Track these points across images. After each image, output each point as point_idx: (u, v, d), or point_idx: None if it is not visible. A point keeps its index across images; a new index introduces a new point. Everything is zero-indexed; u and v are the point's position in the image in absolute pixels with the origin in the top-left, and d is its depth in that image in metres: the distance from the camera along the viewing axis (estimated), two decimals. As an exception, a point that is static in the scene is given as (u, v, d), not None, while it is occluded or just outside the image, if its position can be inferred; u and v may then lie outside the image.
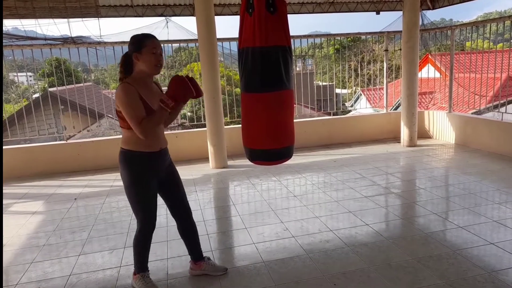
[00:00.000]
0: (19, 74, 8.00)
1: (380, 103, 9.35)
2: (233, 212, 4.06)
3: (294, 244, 3.22)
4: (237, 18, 3.21)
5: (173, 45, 6.86)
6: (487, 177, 4.72)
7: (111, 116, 8.77)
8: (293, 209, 4.03)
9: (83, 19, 5.96)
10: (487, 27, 6.42)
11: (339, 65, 8.48)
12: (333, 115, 7.57)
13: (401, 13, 6.55)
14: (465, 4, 6.79)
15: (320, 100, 11.96)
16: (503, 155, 5.59)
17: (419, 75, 6.83)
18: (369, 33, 7.49)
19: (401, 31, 6.56)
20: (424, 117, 7.29)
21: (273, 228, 3.56)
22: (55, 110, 7.88)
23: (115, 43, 6.15)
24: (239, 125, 6.99)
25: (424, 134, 7.21)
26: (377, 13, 7.46)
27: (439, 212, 3.72)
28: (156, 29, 6.40)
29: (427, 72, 8.72)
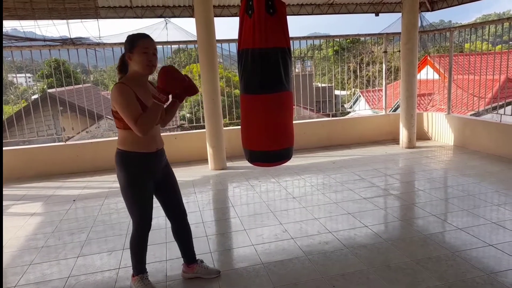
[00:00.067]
0: (18, 75, 7.98)
1: (379, 105, 9.36)
2: (232, 213, 4.06)
3: (293, 245, 3.22)
4: (236, 19, 3.21)
5: (172, 46, 6.86)
6: (485, 178, 4.73)
7: (110, 117, 8.76)
8: (292, 210, 4.03)
9: (82, 20, 5.97)
10: (485, 29, 6.44)
11: (338, 66, 8.51)
12: (332, 116, 7.57)
13: (400, 14, 6.56)
14: (464, 6, 6.81)
15: (319, 101, 11.99)
16: (502, 157, 5.60)
17: (418, 76, 6.84)
18: (368, 35, 7.51)
19: (400, 33, 6.58)
20: (423, 119, 7.29)
21: (272, 229, 3.56)
22: (54, 111, 7.86)
23: (114, 44, 6.14)
24: (238, 126, 7.00)
25: (423, 135, 7.21)
26: (376, 15, 7.48)
27: (438, 213, 3.72)
28: (155, 30, 6.40)
29: (426, 73, 8.74)
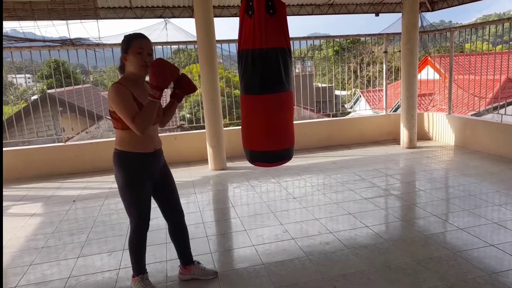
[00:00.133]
0: (17, 76, 7.98)
1: (379, 105, 9.35)
2: (232, 214, 4.05)
3: (293, 246, 3.21)
4: (236, 19, 3.21)
5: (172, 46, 6.86)
6: (486, 178, 4.72)
7: (109, 118, 8.73)
8: (292, 211, 4.02)
9: (82, 21, 5.96)
10: (486, 29, 6.44)
11: (338, 66, 8.49)
12: (333, 116, 7.57)
13: (400, 15, 6.56)
14: (464, 6, 6.80)
15: (319, 101, 11.98)
16: (503, 157, 5.59)
17: (418, 76, 6.84)
18: (369, 35, 7.50)
19: (400, 33, 6.57)
20: (423, 119, 7.29)
21: (273, 230, 3.55)
22: (53, 112, 7.86)
23: (114, 45, 6.14)
24: (238, 127, 6.99)
25: (423, 135, 7.21)
26: (376, 15, 7.48)
27: (439, 214, 3.71)
28: (155, 30, 6.40)
29: (427, 74, 8.73)
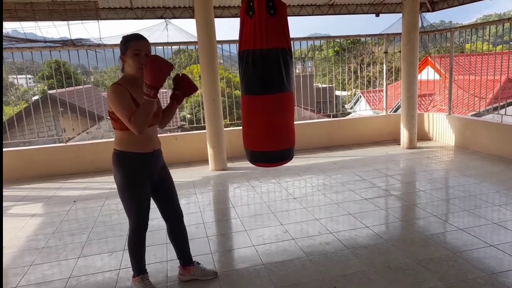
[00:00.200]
0: (18, 76, 7.99)
1: (379, 105, 9.35)
2: (233, 214, 4.06)
3: (294, 246, 3.22)
4: (236, 20, 3.21)
5: (172, 47, 6.86)
6: (486, 179, 4.72)
7: (109, 118, 8.74)
8: (292, 211, 4.02)
9: (83, 22, 5.97)
10: (486, 29, 6.44)
11: (338, 67, 8.50)
12: (333, 117, 7.57)
13: (400, 15, 6.56)
14: (464, 6, 6.80)
15: (319, 102, 11.98)
16: (503, 157, 5.60)
17: (418, 77, 6.84)
18: (369, 35, 7.51)
19: (400, 33, 6.58)
20: (423, 119, 7.29)
21: (273, 230, 3.55)
22: (54, 112, 7.88)
23: (115, 45, 6.15)
24: (238, 127, 7.00)
25: (423, 136, 7.21)
26: (377, 15, 7.48)
27: (439, 214, 3.72)
28: (155, 31, 6.41)
29: (427, 74, 8.73)
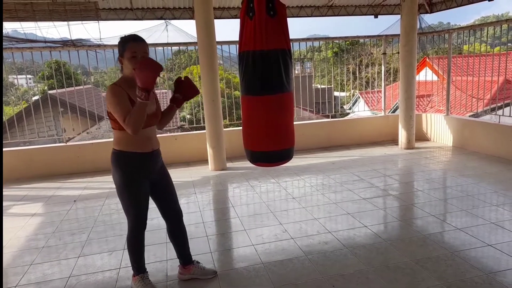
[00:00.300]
0: (18, 76, 8.00)
1: (378, 106, 9.39)
2: (232, 214, 4.08)
3: (293, 245, 3.24)
4: (236, 21, 3.24)
5: (172, 48, 6.88)
6: (484, 179, 4.75)
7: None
8: (292, 211, 4.05)
9: (83, 22, 5.99)
10: (484, 30, 6.48)
11: (337, 68, 8.52)
12: (332, 117, 7.60)
13: (399, 16, 6.59)
14: (462, 7, 6.83)
15: (318, 102, 11.99)
16: (500, 158, 5.63)
17: (417, 78, 6.87)
18: (367, 37, 7.53)
19: (399, 35, 6.60)
20: (422, 120, 7.32)
21: (272, 230, 3.57)
22: (54, 112, 7.89)
23: (115, 46, 6.12)
24: (238, 127, 7.02)
25: (422, 136, 7.24)
26: (375, 17, 7.52)
27: (437, 214, 3.74)
28: (155, 32, 6.43)
29: (425, 75, 8.77)
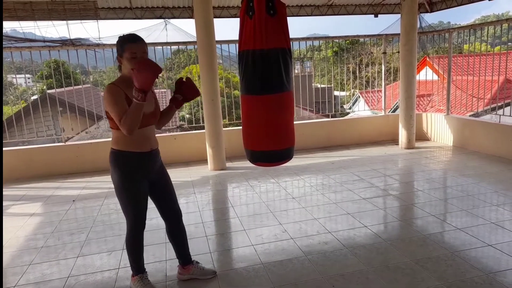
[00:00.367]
0: (17, 76, 7.98)
1: (378, 106, 9.38)
2: (232, 214, 4.07)
3: (292, 246, 3.22)
4: (236, 20, 3.22)
5: (172, 47, 6.86)
6: (485, 179, 4.74)
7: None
8: (291, 211, 4.03)
9: (82, 21, 5.97)
10: (484, 30, 6.46)
11: (337, 67, 8.51)
12: (332, 117, 7.58)
13: (399, 16, 6.58)
14: (462, 7, 6.83)
15: (318, 102, 11.99)
16: (501, 157, 5.62)
17: (417, 77, 6.86)
18: (367, 36, 7.52)
19: (399, 34, 6.59)
20: (422, 120, 7.31)
21: (272, 230, 3.56)
22: (53, 112, 7.86)
23: (114, 45, 6.08)
24: (237, 127, 7.01)
25: (422, 136, 7.23)
26: (375, 16, 7.50)
27: (437, 214, 3.73)
28: (155, 31, 6.41)
29: (425, 74, 8.76)
